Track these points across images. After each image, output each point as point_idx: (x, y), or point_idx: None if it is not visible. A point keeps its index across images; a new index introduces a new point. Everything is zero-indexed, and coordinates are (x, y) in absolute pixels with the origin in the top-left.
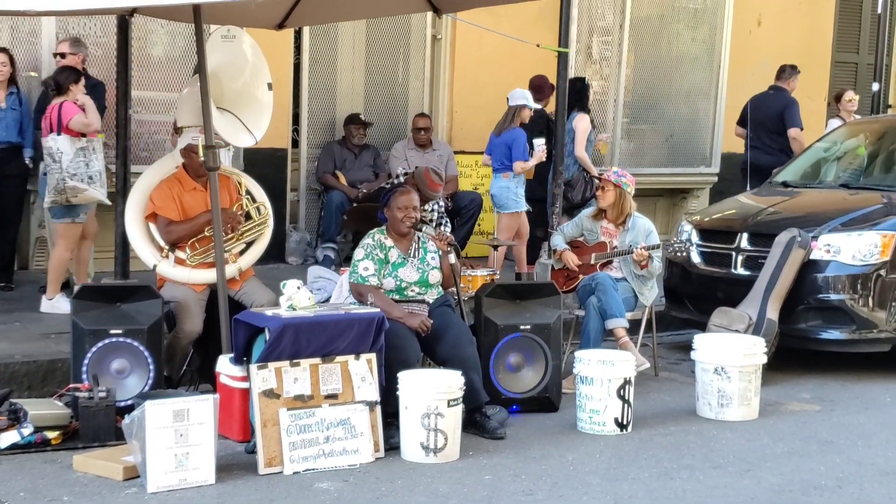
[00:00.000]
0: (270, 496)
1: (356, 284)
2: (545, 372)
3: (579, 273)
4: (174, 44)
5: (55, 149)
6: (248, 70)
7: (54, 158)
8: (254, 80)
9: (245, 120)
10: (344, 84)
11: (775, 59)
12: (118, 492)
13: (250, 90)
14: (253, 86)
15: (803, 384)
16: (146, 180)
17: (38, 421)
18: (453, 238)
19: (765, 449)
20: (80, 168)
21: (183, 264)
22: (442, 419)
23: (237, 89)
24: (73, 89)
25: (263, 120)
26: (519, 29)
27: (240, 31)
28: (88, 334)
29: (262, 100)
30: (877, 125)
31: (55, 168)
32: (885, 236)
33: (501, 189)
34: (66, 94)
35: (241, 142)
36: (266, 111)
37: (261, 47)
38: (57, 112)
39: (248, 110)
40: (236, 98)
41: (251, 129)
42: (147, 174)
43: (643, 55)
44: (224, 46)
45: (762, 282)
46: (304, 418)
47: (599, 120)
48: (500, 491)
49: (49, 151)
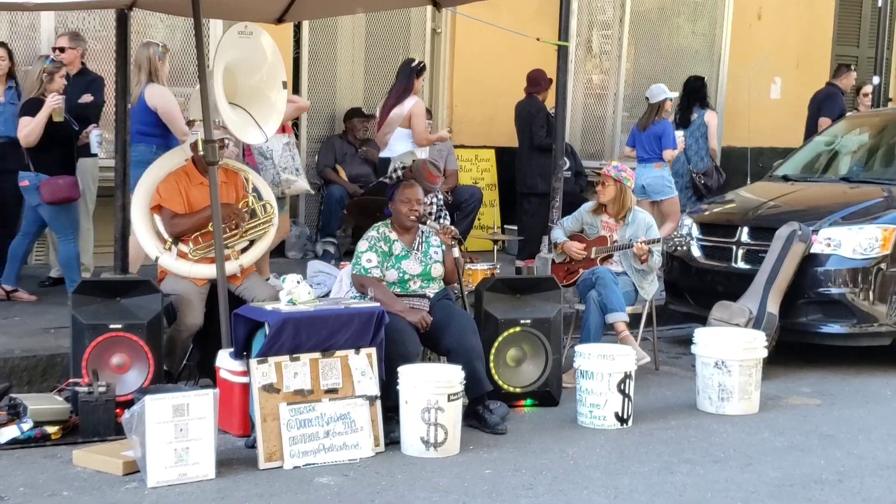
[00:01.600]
0: (271, 491)
1: (359, 276)
2: (545, 366)
3: (579, 267)
4: (173, 38)
5: (265, 147)
6: (266, 68)
7: (265, 156)
8: (269, 78)
9: (257, 117)
10: (343, 78)
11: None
12: (118, 486)
13: (265, 88)
14: (268, 83)
15: (804, 378)
16: (155, 172)
17: (37, 416)
18: (457, 231)
19: (765, 443)
20: (288, 161)
21: (185, 258)
22: (442, 414)
23: (252, 86)
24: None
25: (275, 117)
26: (519, 23)
27: (257, 28)
28: (88, 329)
29: (276, 98)
30: (877, 119)
31: (268, 164)
32: (885, 230)
33: (656, 178)
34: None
35: (251, 138)
36: (279, 109)
37: None
38: None
39: (260, 107)
40: (250, 94)
41: (262, 127)
42: (156, 165)
43: (643, 49)
44: (241, 42)
45: (762, 276)
46: (304, 413)
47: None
48: (500, 485)
49: (259, 150)
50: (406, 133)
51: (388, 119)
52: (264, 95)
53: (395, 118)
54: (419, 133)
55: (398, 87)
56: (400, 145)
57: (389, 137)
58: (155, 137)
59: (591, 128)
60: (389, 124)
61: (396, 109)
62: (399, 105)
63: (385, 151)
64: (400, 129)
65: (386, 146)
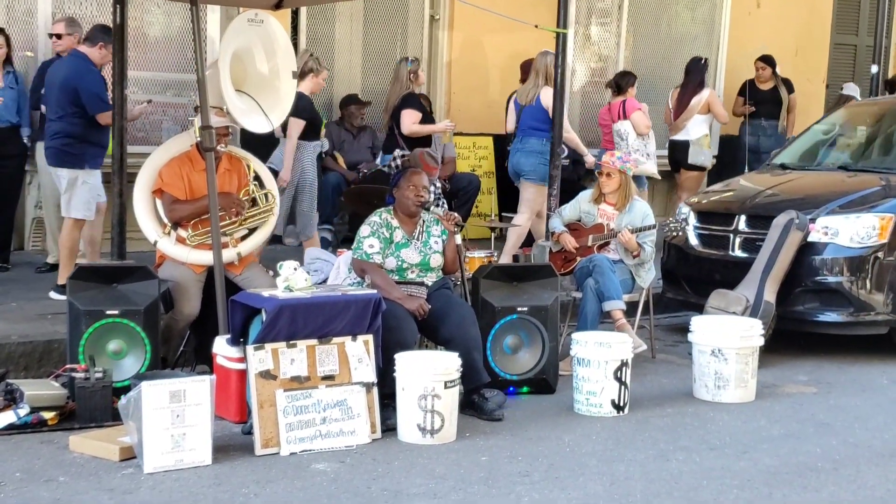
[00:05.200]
0: (267, 477)
1: (359, 261)
2: (542, 354)
3: (577, 255)
4: (170, 24)
5: (623, 131)
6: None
7: (621, 137)
8: (279, 67)
9: (264, 105)
10: (341, 65)
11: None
12: (114, 472)
13: (273, 76)
14: (277, 72)
15: (800, 366)
16: (159, 156)
17: (34, 401)
18: (461, 218)
19: (761, 431)
20: (640, 146)
21: (183, 243)
22: (439, 401)
23: (262, 74)
24: (630, 90)
25: (283, 106)
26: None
27: (267, 16)
28: (85, 315)
29: (285, 86)
30: (875, 108)
31: (623, 145)
32: (883, 219)
33: None
34: (625, 94)
35: (257, 126)
36: (287, 98)
37: None
38: (621, 106)
39: (268, 96)
40: (259, 83)
41: (269, 115)
42: (161, 149)
43: (642, 36)
44: (250, 30)
45: (760, 264)
46: (301, 399)
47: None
48: (496, 472)
49: (618, 132)
50: (703, 118)
51: (689, 107)
52: (273, 84)
53: (694, 106)
54: (721, 115)
55: (692, 81)
56: (696, 129)
57: (688, 122)
58: (544, 132)
59: (590, 115)
60: (690, 111)
61: (696, 98)
62: (698, 95)
63: (681, 134)
64: (697, 115)
65: (683, 130)
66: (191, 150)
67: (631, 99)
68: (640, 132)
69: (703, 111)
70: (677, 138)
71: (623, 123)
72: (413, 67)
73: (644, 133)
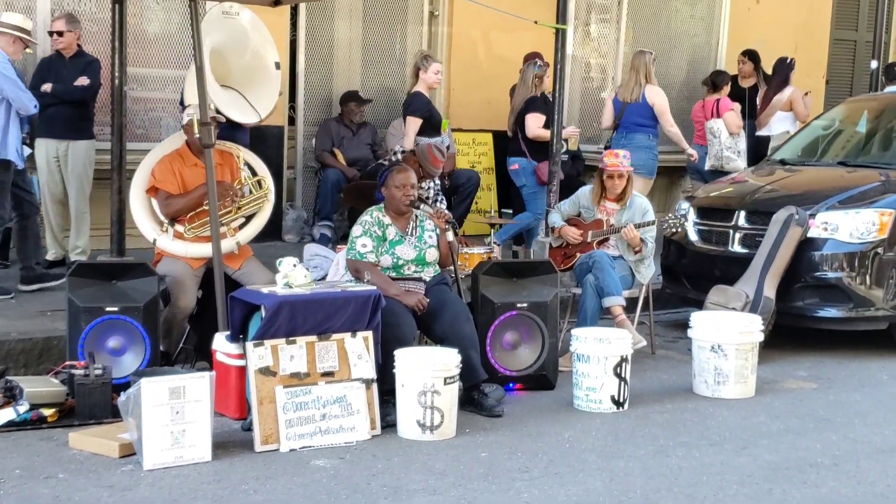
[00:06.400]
0: (267, 473)
1: (353, 261)
2: (542, 350)
3: (576, 251)
4: (169, 20)
5: (716, 128)
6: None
7: (714, 135)
8: (260, 59)
9: (251, 98)
10: (341, 61)
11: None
12: (114, 469)
13: (257, 69)
14: (260, 65)
15: (800, 362)
16: (154, 156)
17: (33, 398)
18: (451, 216)
19: (761, 426)
20: (732, 144)
21: (181, 238)
22: (438, 397)
23: (244, 66)
24: (725, 89)
25: (269, 98)
26: (517, 5)
27: (241, 8)
28: (84, 312)
29: (269, 79)
30: (875, 103)
31: (715, 142)
32: (882, 214)
33: None
34: (720, 92)
35: (245, 119)
36: (273, 90)
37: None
38: (714, 104)
39: (254, 88)
40: (244, 75)
41: (256, 108)
42: (156, 150)
43: (641, 32)
44: (226, 23)
45: (759, 260)
46: (301, 396)
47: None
48: (496, 468)
49: (710, 130)
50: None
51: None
52: (256, 76)
53: (776, 103)
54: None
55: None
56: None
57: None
58: (649, 128)
59: (589, 111)
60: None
61: (778, 95)
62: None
63: (764, 130)
64: (780, 112)
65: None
66: (181, 146)
67: (725, 98)
68: (732, 131)
69: (785, 108)
70: (761, 134)
71: (716, 122)
72: (540, 72)
73: (735, 132)
